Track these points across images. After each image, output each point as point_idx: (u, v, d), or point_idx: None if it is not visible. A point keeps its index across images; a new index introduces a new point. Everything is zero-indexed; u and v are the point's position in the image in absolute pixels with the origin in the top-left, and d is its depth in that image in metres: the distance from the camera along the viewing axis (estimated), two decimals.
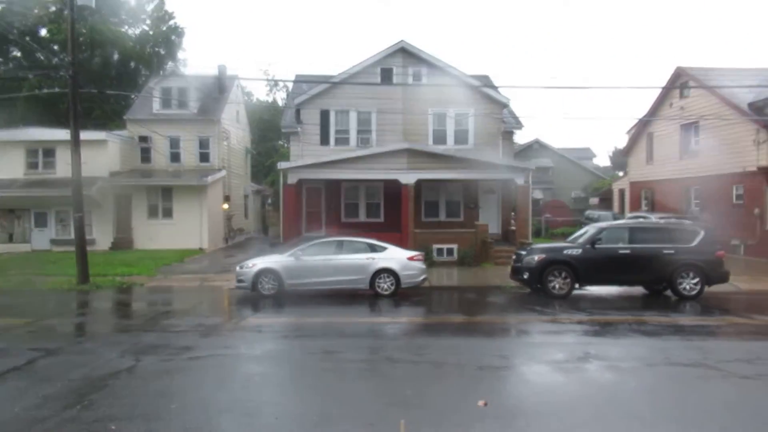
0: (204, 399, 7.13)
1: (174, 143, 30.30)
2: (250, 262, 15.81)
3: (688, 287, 14.92)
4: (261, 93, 76.09)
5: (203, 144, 30.51)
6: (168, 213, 28.09)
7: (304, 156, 23.96)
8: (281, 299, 14.96)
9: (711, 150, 26.16)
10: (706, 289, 15.04)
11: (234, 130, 34.15)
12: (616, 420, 6.45)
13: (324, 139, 24.75)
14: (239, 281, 15.57)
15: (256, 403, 6.98)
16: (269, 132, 47.79)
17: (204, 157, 30.50)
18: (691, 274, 14.94)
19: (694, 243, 15.25)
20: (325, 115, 24.76)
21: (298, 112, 25.12)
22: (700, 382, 7.91)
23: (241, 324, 12.21)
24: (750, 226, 23.50)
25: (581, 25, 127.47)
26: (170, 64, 46.57)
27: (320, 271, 15.35)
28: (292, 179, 21.88)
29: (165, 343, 10.02)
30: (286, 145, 35.16)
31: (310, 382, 8.05)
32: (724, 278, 15.33)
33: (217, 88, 32.32)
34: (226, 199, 31.49)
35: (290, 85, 35.62)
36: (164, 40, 46.73)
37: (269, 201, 46.52)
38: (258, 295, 15.20)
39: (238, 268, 15.86)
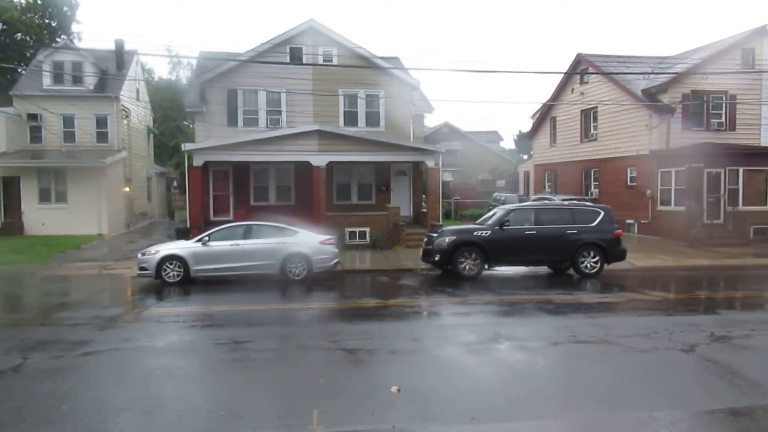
0: (99, 398, 6.61)
1: (68, 122, 28.27)
2: (153, 249, 15.06)
3: (589, 266, 15.62)
4: (163, 71, 72.74)
5: (101, 123, 28.67)
6: (62, 197, 26.24)
7: (211, 137, 23.04)
8: (187, 287, 14.33)
9: (608, 134, 27.54)
10: (606, 266, 15.81)
11: (134, 109, 32.35)
12: (527, 399, 6.56)
13: (231, 120, 23.89)
14: (142, 269, 14.80)
15: (158, 399, 6.56)
16: (173, 112, 45.82)
17: (102, 137, 28.69)
18: (592, 253, 15.65)
19: (595, 223, 15.97)
20: (232, 95, 23.89)
21: (203, 91, 24.06)
22: (603, 358, 8.22)
23: (142, 314, 11.54)
24: (643, 206, 24.97)
25: (491, 11, 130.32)
26: (63, 37, 43.41)
27: (229, 257, 14.84)
28: (198, 161, 20.97)
29: (57, 338, 9.27)
30: (191, 125, 33.74)
31: (218, 374, 7.68)
32: (621, 256, 16.18)
33: (115, 64, 30.41)
34: (128, 181, 29.87)
35: (194, 62, 34.10)
36: (56, 12, 43.40)
37: (174, 184, 44.72)
38: (162, 284, 14.50)
39: (140, 255, 15.07)
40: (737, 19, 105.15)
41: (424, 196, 26.53)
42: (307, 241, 15.36)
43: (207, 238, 15.08)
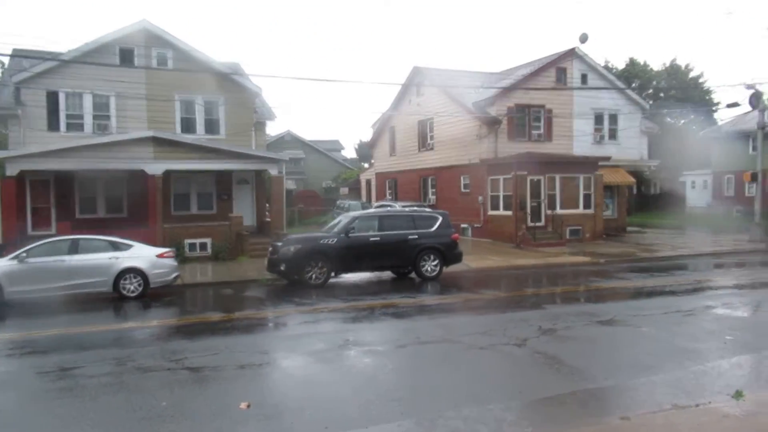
0: None
1: None
2: None
3: (429, 269, 16.35)
4: None
5: None
6: None
7: (28, 143, 20.80)
8: (2, 311, 12.78)
9: (444, 144, 29.11)
10: (445, 269, 16.65)
11: None
12: (378, 403, 6.67)
13: (53, 125, 21.75)
14: None
15: None
16: None
17: None
18: (432, 257, 16.41)
19: (434, 228, 16.76)
20: (53, 97, 21.76)
21: (18, 91, 21.68)
22: (446, 357, 8.62)
23: None
24: (476, 211, 26.69)
25: (334, 21, 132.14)
26: None
27: (52, 275, 13.44)
28: (12, 170, 18.83)
29: None
30: (3, 130, 30.23)
31: (42, 406, 6.91)
32: (458, 259, 17.15)
33: None
34: None
35: (7, 60, 30.62)
36: None
37: None
38: None
39: None
40: (555, 39, 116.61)
41: (267, 204, 26.13)
42: (143, 255, 14.40)
43: (24, 254, 13.55)
